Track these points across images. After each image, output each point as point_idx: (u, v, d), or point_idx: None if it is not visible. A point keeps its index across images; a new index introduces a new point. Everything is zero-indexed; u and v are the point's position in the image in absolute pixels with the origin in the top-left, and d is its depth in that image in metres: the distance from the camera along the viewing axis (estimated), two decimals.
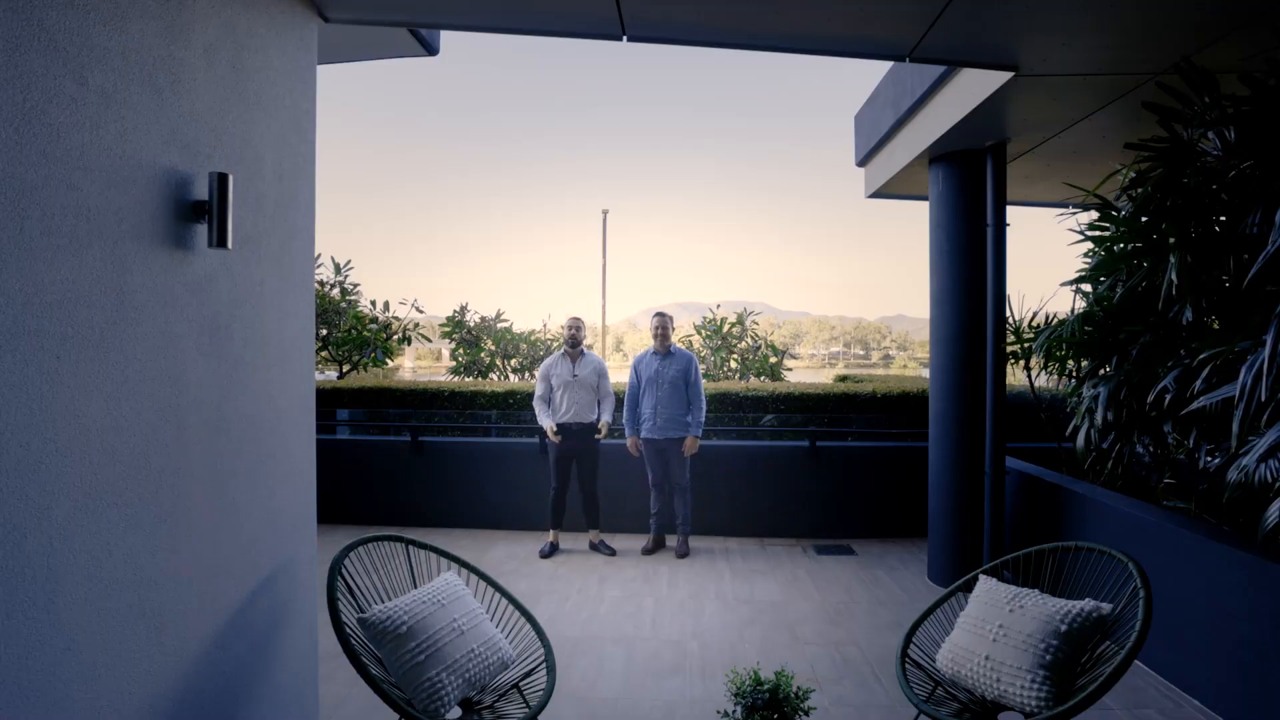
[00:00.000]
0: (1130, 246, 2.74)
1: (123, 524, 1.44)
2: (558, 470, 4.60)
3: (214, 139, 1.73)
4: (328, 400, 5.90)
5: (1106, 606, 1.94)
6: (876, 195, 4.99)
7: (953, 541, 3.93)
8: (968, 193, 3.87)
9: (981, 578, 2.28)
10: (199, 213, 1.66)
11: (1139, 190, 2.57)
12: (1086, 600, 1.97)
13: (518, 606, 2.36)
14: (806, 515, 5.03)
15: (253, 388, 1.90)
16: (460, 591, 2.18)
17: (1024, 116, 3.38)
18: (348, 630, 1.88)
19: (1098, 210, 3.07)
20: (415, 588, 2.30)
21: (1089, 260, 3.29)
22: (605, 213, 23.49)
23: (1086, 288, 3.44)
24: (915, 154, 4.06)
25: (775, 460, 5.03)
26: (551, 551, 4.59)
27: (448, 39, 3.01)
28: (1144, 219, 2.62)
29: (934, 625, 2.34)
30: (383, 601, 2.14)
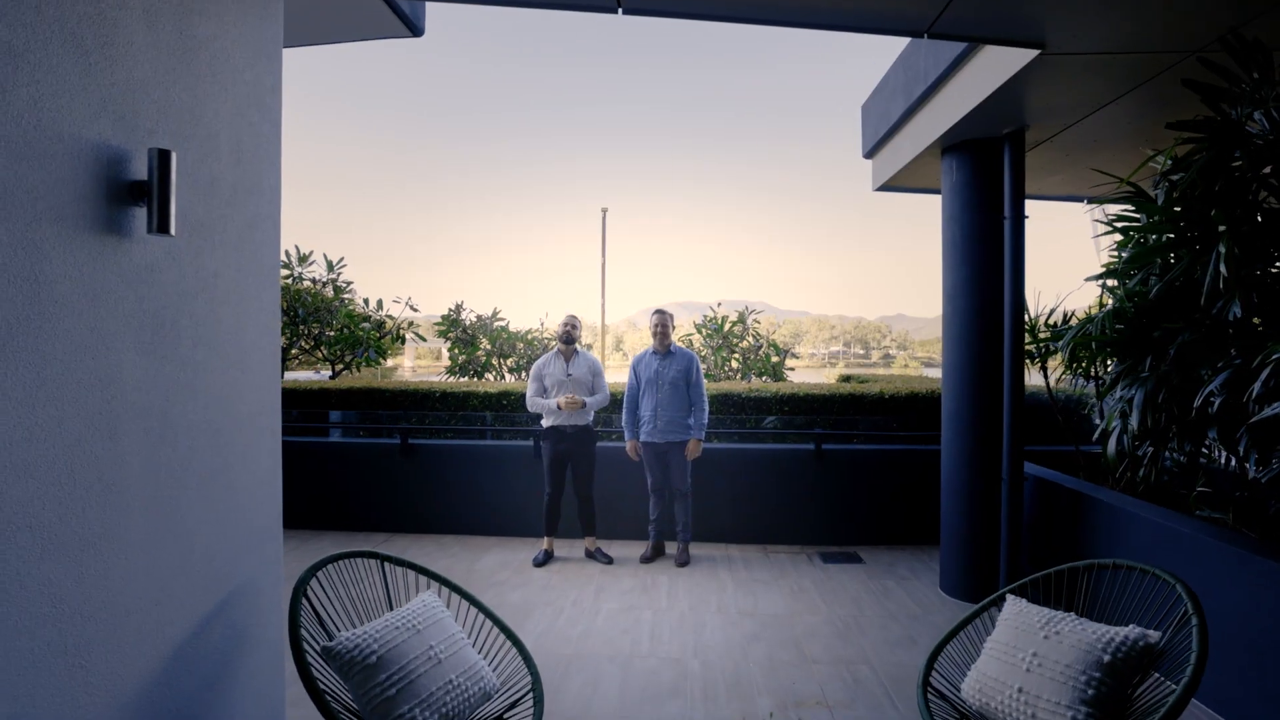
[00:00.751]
0: (1165, 237, 2.55)
1: (38, 549, 1.25)
2: (552, 474, 4.41)
3: (156, 112, 1.54)
4: (316, 401, 5.71)
5: (1154, 635, 1.74)
6: (885, 188, 4.79)
7: (966, 551, 3.74)
8: (983, 183, 3.68)
9: (1009, 598, 2.09)
10: (137, 194, 1.47)
11: (1179, 175, 2.38)
12: (1131, 627, 1.78)
13: (504, 630, 2.17)
14: (811, 521, 4.84)
15: (205, 391, 1.71)
16: (438, 614, 1.99)
17: (1046, 101, 3.19)
18: (310, 661, 1.70)
19: (1130, 199, 2.88)
20: (391, 610, 2.11)
21: (1116, 254, 3.10)
22: (605, 211, 23.30)
23: (1112, 282, 3.24)
24: (927, 144, 3.87)
25: (779, 464, 4.84)
26: (545, 560, 4.40)
27: (447, 37, 2.82)
28: (1178, 208, 2.43)
29: (956, 646, 2.15)
30: (354, 626, 1.95)
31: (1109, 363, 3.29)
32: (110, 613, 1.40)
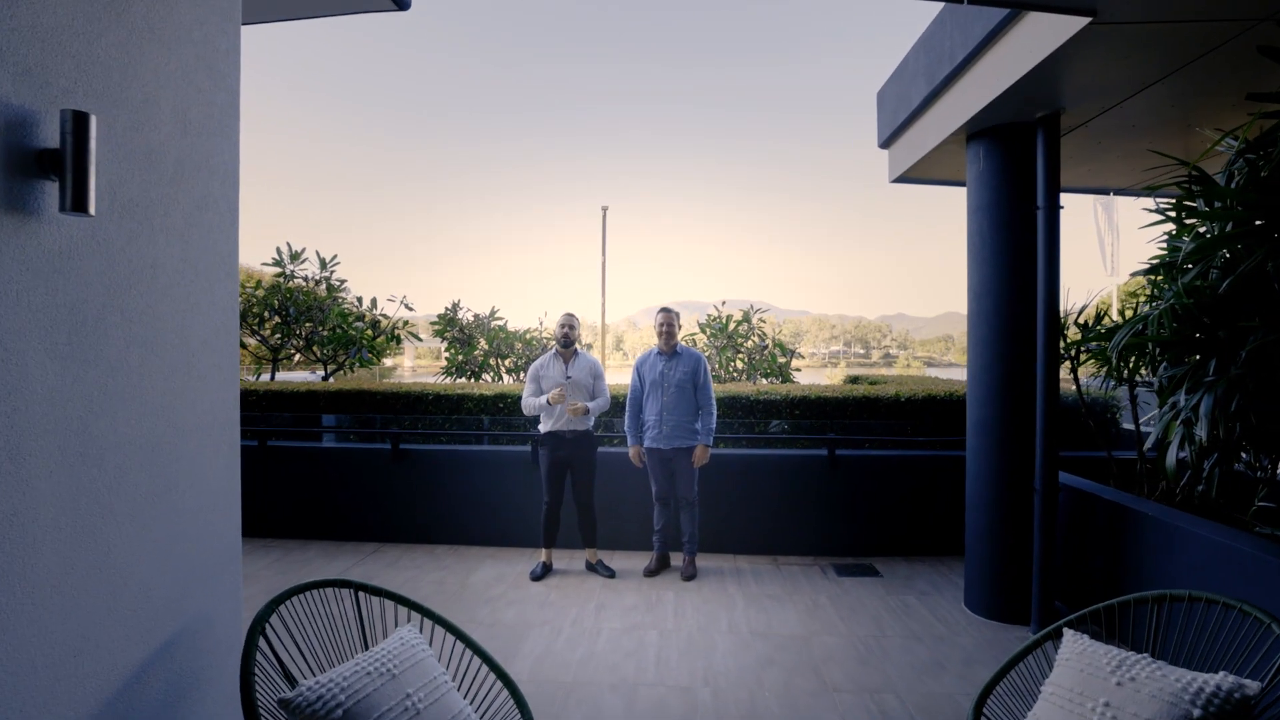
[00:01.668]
0: (1230, 227, 2.29)
1: None
2: (550, 483, 4.15)
3: (74, 68, 1.29)
4: (303, 404, 5.46)
5: (1253, 686, 1.49)
6: (903, 180, 4.54)
7: (993, 566, 3.49)
8: (1013, 172, 3.43)
9: (1068, 632, 1.84)
10: (47, 165, 1.22)
11: (1262, 153, 2.13)
12: (1221, 674, 1.52)
13: (496, 671, 1.92)
14: (824, 531, 4.59)
15: (140, 400, 1.46)
16: (419, 654, 1.73)
17: (1088, 80, 2.93)
18: (263, 717, 1.44)
19: (1192, 185, 2.62)
20: (365, 648, 1.86)
21: (1164, 247, 2.84)
22: (605, 209, 23.05)
23: (1152, 278, 2.99)
24: (951, 130, 3.62)
25: (790, 470, 4.59)
26: (544, 573, 4.15)
27: (447, 36, 2.58)
28: (1253, 194, 2.17)
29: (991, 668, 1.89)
30: (321, 670, 1.70)
31: (1154, 366, 3.03)
32: (9, 670, 1.15)
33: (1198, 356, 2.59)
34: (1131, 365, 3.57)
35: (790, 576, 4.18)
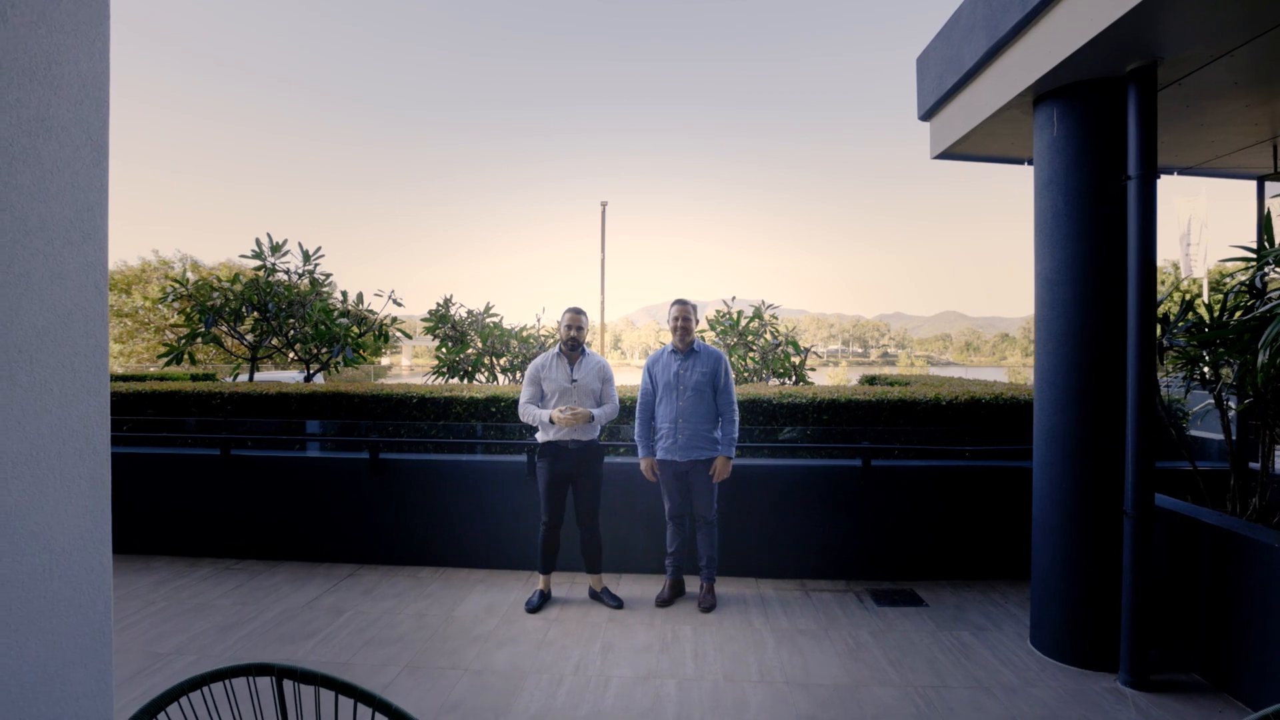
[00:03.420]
0: None
1: None
2: (550, 499, 3.62)
3: None
4: (272, 408, 4.92)
5: None
6: (948, 155, 4.01)
7: (1068, 601, 2.97)
8: (1096, 137, 2.91)
9: None
10: None
11: None
12: None
13: None
14: (858, 552, 4.07)
15: None
16: None
17: (1197, 21, 2.42)
18: None
19: None
20: None
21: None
22: (604, 205, 22.55)
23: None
24: (1015, 92, 3.10)
25: (819, 482, 4.07)
26: (541, 603, 3.62)
27: (446, 34, 2.05)
28: None
29: None
30: None
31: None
32: None
33: None
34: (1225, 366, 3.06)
35: (823, 606, 3.66)
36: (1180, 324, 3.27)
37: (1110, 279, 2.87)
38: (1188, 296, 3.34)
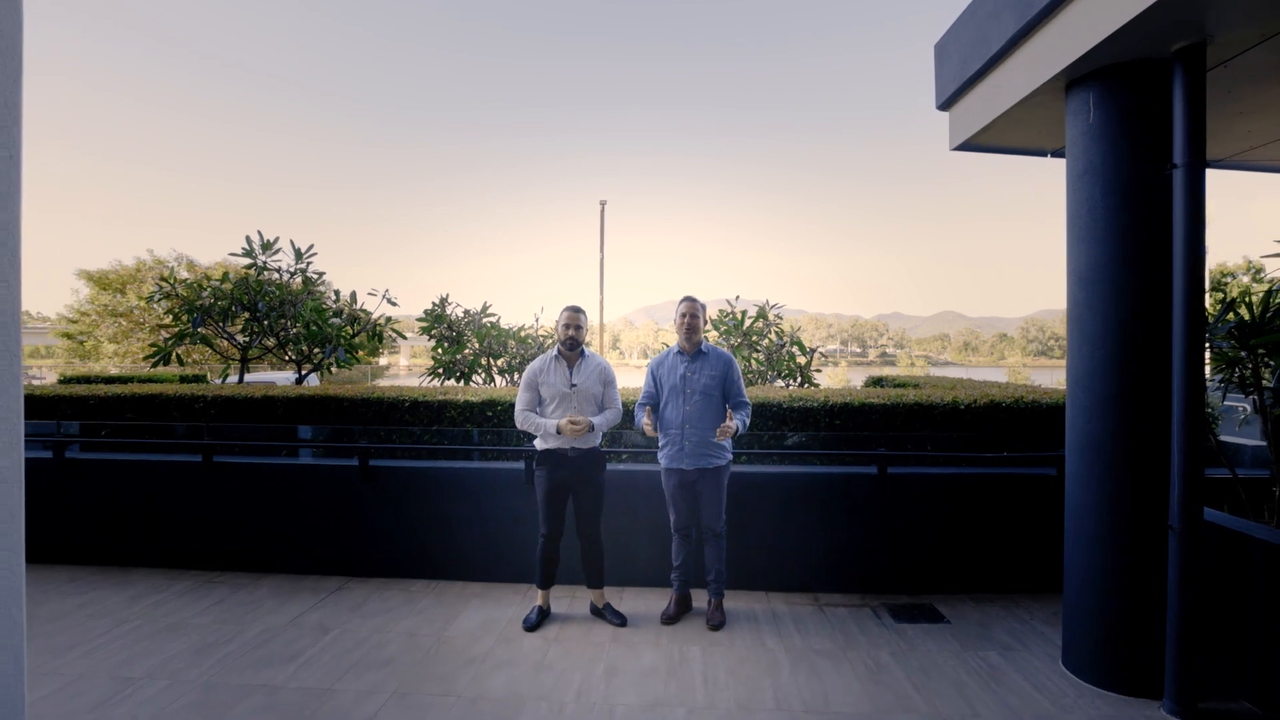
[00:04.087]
0: None
1: None
2: (549, 510, 3.40)
3: None
4: (258, 412, 4.70)
5: None
6: (968, 147, 3.81)
7: (1106, 622, 2.77)
8: (1138, 122, 2.71)
9: None
10: None
11: None
12: None
13: None
14: (873, 564, 3.86)
15: None
16: None
17: None
18: None
19: None
20: None
21: None
22: (603, 204, 22.35)
23: None
24: (1048, 75, 2.89)
25: (832, 491, 3.86)
26: (540, 620, 3.41)
27: (448, 32, 1.83)
28: None
29: None
30: None
31: None
32: None
33: None
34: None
35: (839, 623, 3.45)
36: (1221, 324, 3.07)
37: (1152, 275, 2.67)
38: (1228, 296, 3.14)
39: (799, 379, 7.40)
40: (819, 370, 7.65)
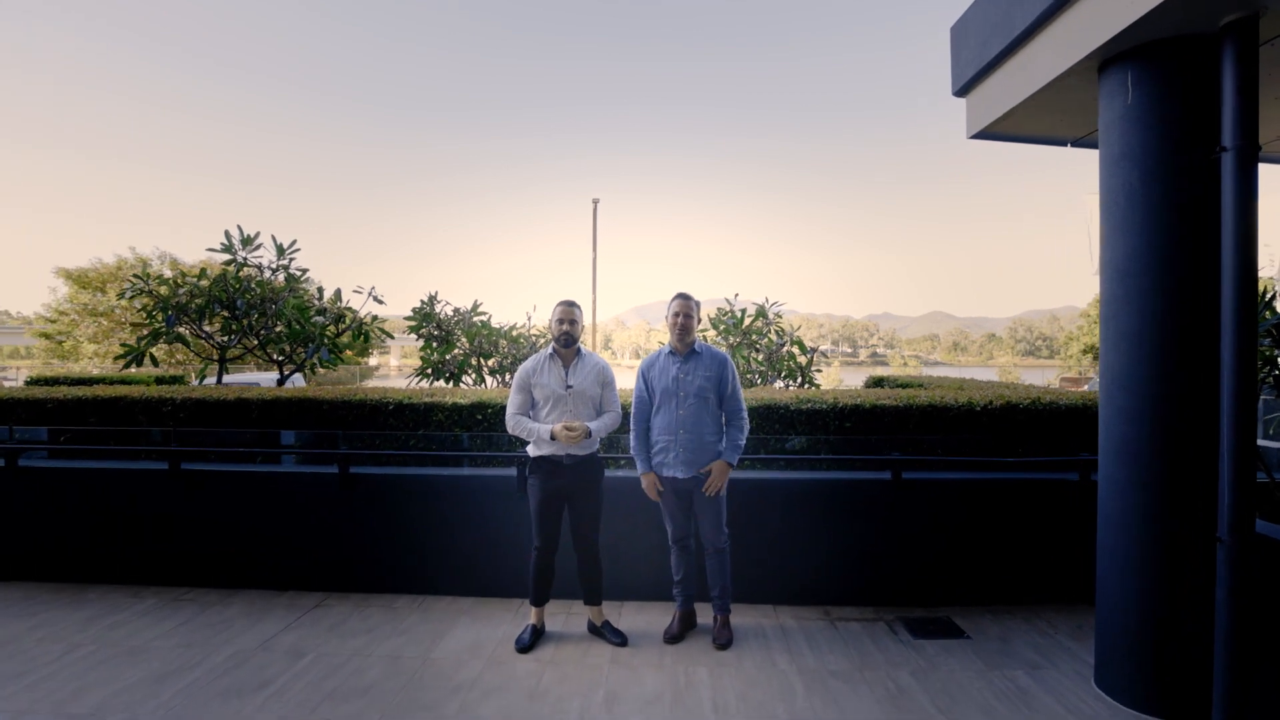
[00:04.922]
0: None
1: None
2: (543, 521, 3.16)
3: None
4: (231, 416, 4.41)
5: None
6: (986, 134, 3.61)
7: (1144, 640, 2.58)
8: (1181, 104, 2.52)
9: None
10: None
11: None
12: None
13: None
14: (886, 575, 3.66)
15: None
16: None
17: None
18: None
19: None
20: None
21: None
22: (596, 202, 22.11)
23: None
24: (1082, 54, 2.69)
25: (843, 497, 3.65)
26: (533, 641, 3.16)
27: (447, 31, 1.58)
28: None
29: None
30: None
31: None
32: None
33: None
34: None
35: (853, 639, 3.24)
36: (1260, 322, 2.89)
37: (1197, 268, 2.48)
38: (1267, 293, 2.97)
39: (800, 379, 7.20)
40: (819, 370, 7.46)
